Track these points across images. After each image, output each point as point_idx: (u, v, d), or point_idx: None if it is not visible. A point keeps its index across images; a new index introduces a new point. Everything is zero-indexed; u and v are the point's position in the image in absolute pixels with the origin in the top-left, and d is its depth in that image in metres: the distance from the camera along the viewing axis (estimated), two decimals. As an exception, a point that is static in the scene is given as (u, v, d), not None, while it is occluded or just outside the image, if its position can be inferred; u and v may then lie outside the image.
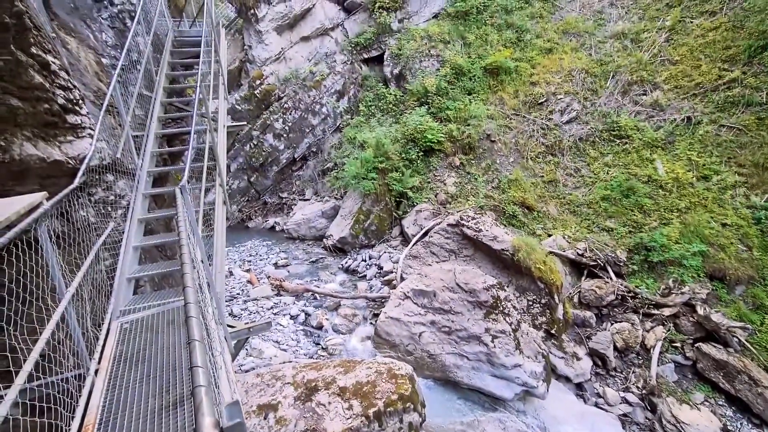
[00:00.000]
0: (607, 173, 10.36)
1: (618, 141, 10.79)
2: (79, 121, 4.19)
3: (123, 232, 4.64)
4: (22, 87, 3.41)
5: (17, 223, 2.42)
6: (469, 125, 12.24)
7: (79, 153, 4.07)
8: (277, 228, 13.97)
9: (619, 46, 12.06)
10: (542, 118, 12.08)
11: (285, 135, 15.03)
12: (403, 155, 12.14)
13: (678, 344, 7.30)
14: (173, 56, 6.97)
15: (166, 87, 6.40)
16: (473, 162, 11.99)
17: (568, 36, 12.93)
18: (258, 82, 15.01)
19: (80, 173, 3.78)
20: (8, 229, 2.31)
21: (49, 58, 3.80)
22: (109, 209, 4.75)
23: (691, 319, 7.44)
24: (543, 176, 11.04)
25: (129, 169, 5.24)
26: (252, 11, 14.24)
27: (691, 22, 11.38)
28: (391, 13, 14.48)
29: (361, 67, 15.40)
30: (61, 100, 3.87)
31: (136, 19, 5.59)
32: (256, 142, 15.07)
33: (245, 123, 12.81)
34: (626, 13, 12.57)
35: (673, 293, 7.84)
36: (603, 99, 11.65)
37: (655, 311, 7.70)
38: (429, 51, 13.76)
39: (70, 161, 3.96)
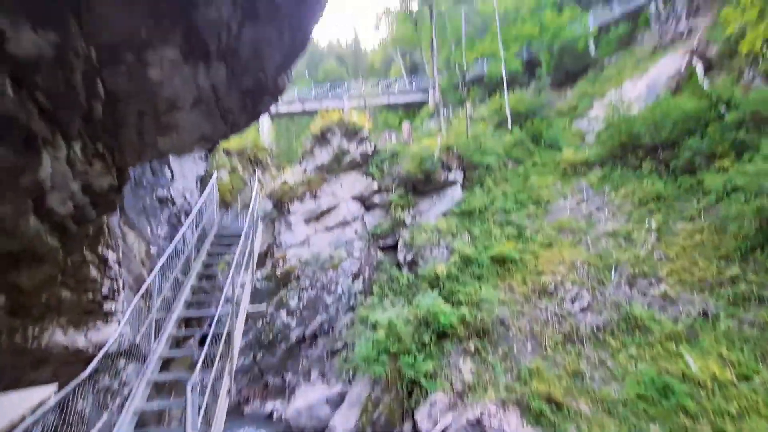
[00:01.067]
0: (635, 366, 9.73)
1: (638, 332, 10.51)
2: (113, 308, 4.51)
3: (114, 425, 4.34)
4: (78, 280, 3.86)
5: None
6: (481, 309, 12.32)
7: (103, 339, 4.23)
8: (275, 414, 12.57)
9: (614, 243, 13.10)
10: (554, 306, 12.16)
11: (298, 312, 15.24)
12: (416, 338, 11.87)
13: None
14: (212, 246, 7.92)
15: (200, 272, 7.05)
16: (489, 348, 11.55)
17: (564, 233, 14.27)
18: (281, 262, 16.26)
19: (94, 363, 3.84)
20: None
21: (109, 253, 4.38)
22: (109, 398, 4.58)
23: None
24: (565, 366, 10.37)
25: (141, 353, 5.27)
26: (286, 206, 16.67)
27: (675, 225, 12.59)
28: (404, 210, 16.66)
29: (376, 253, 16.74)
30: (105, 290, 4.28)
31: (189, 219, 6.63)
32: (269, 319, 15.19)
33: (264, 308, 13.22)
34: (613, 216, 14.15)
35: None
36: (611, 289, 11.92)
37: None
38: (439, 241, 15.16)
39: (91, 348, 4.09)
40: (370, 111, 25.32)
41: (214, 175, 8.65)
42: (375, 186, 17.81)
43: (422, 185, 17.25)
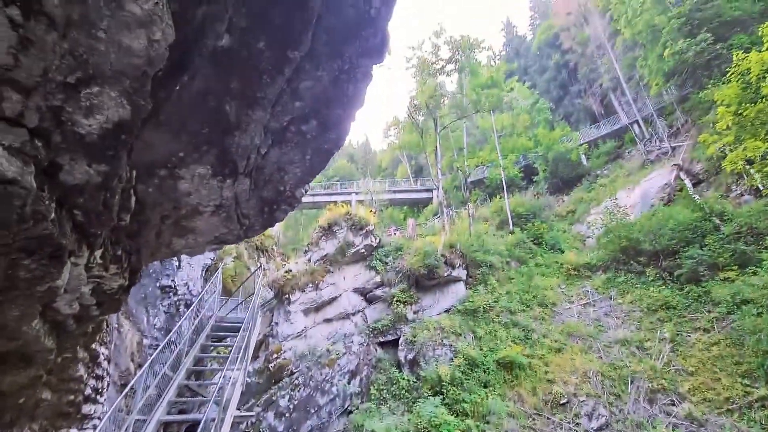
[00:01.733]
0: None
1: (665, 461, 9.36)
2: (92, 411, 4.21)
3: None
4: (63, 380, 3.69)
5: None
6: (488, 422, 11.22)
7: (73, 449, 3.88)
8: None
9: (627, 352, 12.45)
10: (569, 422, 11.07)
11: (288, 414, 13.90)
12: (417, 456, 10.62)
13: None
14: (207, 338, 7.65)
15: (189, 368, 6.69)
16: (498, 473, 10.21)
17: (573, 338, 13.68)
18: (275, 356, 15.38)
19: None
20: None
21: (101, 350, 4.25)
22: None
23: None
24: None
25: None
26: (287, 296, 16.42)
27: (689, 336, 12.09)
28: (407, 306, 16.30)
29: (376, 350, 15.91)
30: (89, 390, 4.06)
31: (188, 312, 6.53)
32: (254, 420, 13.80)
33: (253, 414, 12.25)
34: (622, 322, 13.71)
35: None
36: (630, 406, 10.96)
37: None
38: (442, 341, 14.50)
39: (59, 460, 3.73)
40: (377, 207, 26.43)
41: (220, 268, 8.74)
42: (378, 279, 17.72)
43: (425, 280, 17.14)
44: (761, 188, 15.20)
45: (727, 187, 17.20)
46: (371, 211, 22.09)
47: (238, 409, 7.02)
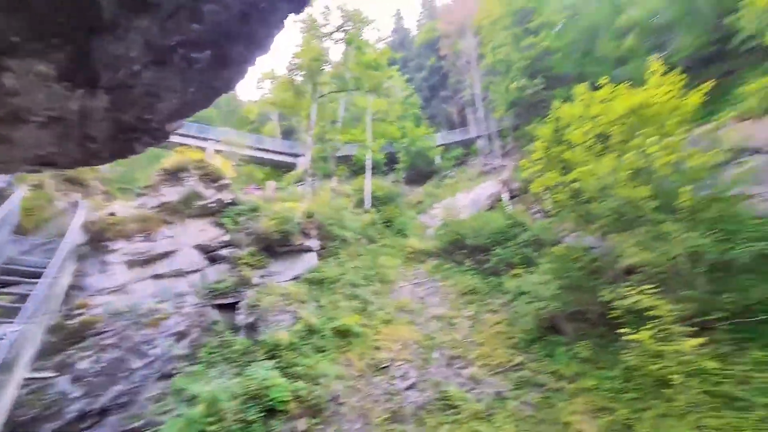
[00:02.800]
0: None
1: (451, 411, 11.78)
2: None
3: None
4: None
5: None
6: (318, 384, 11.98)
7: None
8: None
9: (440, 325, 15.02)
10: (386, 382, 12.76)
11: (90, 378, 11.86)
12: (241, 416, 10.56)
13: None
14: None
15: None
16: (320, 427, 11.09)
17: (403, 312, 15.72)
18: (78, 311, 12.80)
19: None
20: None
21: None
22: None
23: None
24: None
25: None
26: (106, 243, 13.78)
27: (484, 316, 15.35)
28: (254, 270, 15.76)
29: (212, 312, 14.95)
30: None
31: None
32: (35, 387, 11.28)
33: (47, 374, 9.99)
34: (440, 302, 16.42)
35: None
36: (433, 369, 13.33)
37: None
38: (285, 307, 14.61)
39: None
40: (237, 161, 24.32)
41: (17, 195, 6.69)
42: (226, 238, 16.53)
43: (278, 246, 16.84)
44: (548, 210, 20.16)
45: (529, 205, 22.19)
46: (229, 164, 20.26)
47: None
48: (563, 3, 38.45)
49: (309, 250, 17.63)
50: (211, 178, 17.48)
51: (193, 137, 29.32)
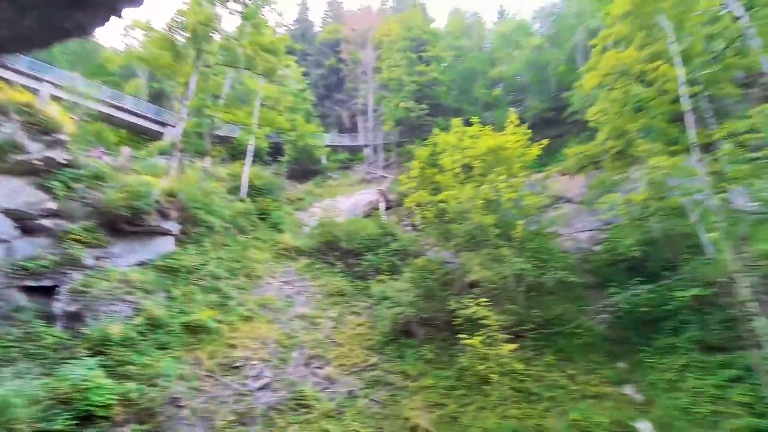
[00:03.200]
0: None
1: (302, 410, 11.79)
2: None
3: None
4: None
5: None
6: (154, 385, 10.58)
7: None
8: None
9: (303, 325, 14.97)
10: (237, 383, 12.05)
11: None
12: (43, 424, 8.61)
13: None
14: None
15: None
16: (149, 434, 9.79)
17: (266, 310, 15.15)
18: None
19: None
20: None
21: None
22: None
23: None
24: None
25: None
26: None
27: (347, 317, 15.94)
28: (88, 248, 13.12)
29: (17, 296, 11.85)
30: None
31: None
32: None
33: None
34: (307, 301, 16.42)
35: None
36: (290, 368, 13.18)
37: None
38: (124, 296, 12.55)
39: None
40: (83, 116, 19.91)
41: None
42: (52, 206, 13.37)
43: (125, 224, 14.41)
44: (417, 224, 22.21)
45: (402, 218, 24.03)
46: (71, 117, 16.63)
47: None
48: (452, 43, 43.34)
49: (166, 233, 15.56)
50: (41, 129, 14.02)
51: (23, 74, 22.98)
